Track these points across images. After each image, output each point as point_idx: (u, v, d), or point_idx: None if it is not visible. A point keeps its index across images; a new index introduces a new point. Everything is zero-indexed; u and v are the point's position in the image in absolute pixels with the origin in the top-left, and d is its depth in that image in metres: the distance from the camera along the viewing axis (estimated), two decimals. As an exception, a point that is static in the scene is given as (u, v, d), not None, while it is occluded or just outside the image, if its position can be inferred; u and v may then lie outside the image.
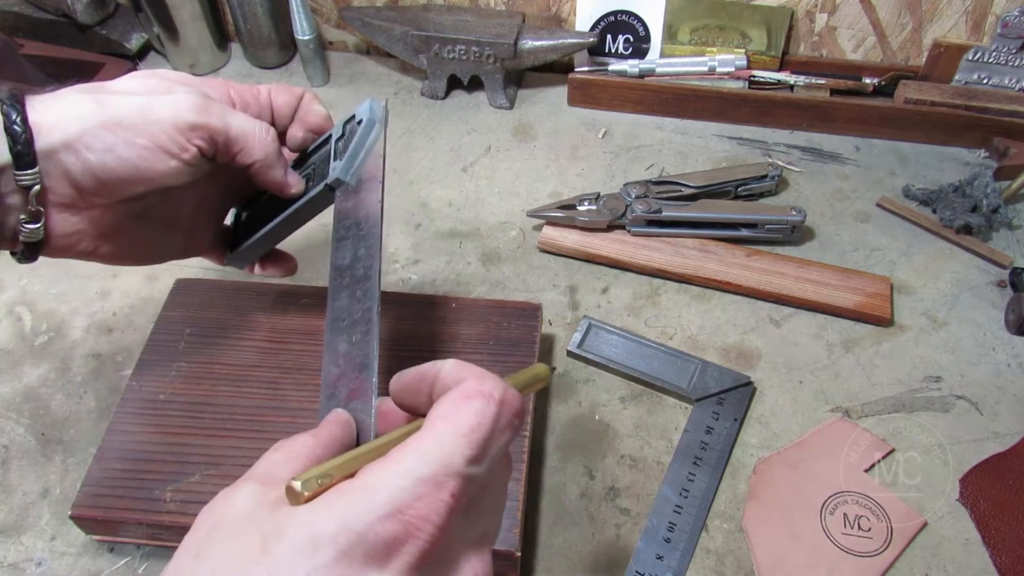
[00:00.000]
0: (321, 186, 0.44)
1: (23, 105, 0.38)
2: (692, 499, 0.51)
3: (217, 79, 0.45)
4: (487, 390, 0.29)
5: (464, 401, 0.28)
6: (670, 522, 0.50)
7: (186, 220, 0.47)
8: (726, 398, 0.56)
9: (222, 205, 0.50)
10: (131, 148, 0.39)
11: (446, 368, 0.31)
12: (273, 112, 0.46)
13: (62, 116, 0.38)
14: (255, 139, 0.42)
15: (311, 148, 0.47)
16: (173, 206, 0.46)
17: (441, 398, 0.29)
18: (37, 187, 0.38)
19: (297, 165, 0.47)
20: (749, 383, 0.57)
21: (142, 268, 0.67)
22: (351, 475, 0.28)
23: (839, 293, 0.63)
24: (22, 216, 0.39)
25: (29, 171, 0.38)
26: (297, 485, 0.26)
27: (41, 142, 0.37)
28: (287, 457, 0.30)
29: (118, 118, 0.39)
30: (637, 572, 0.48)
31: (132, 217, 0.43)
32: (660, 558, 0.48)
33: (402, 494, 0.26)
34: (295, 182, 0.45)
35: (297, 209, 0.46)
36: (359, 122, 0.44)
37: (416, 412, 0.32)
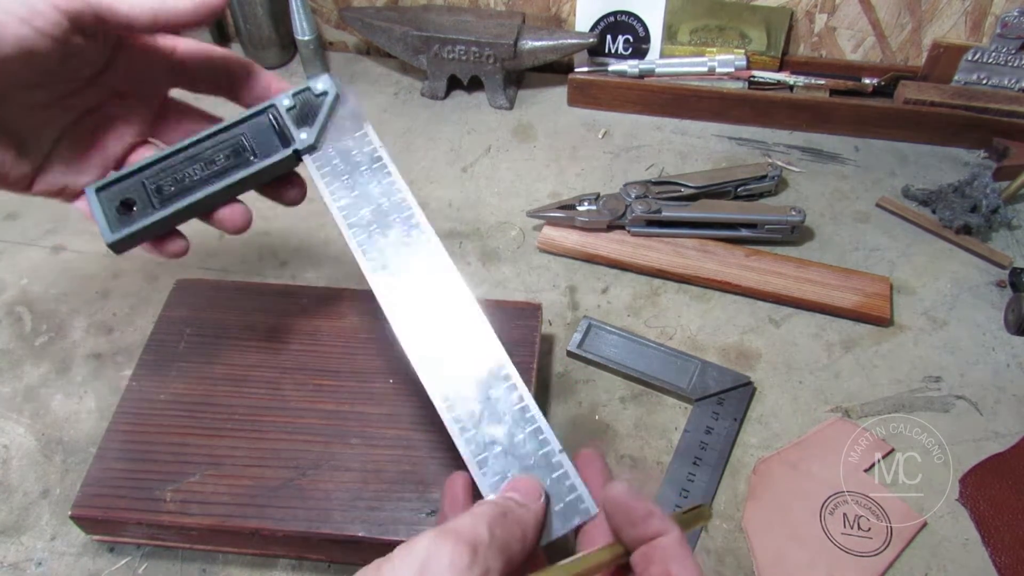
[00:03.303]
0: (289, 151, 0.44)
1: None
2: (692, 499, 0.51)
3: None
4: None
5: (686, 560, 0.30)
6: None
7: (23, 127, 0.40)
8: (726, 398, 0.56)
9: (86, 128, 0.43)
10: (16, 40, 0.35)
11: (672, 541, 0.32)
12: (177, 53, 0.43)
13: None
14: (151, 28, 0.38)
15: (230, 122, 0.44)
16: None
17: (663, 555, 0.31)
18: None
19: (211, 137, 0.45)
20: (749, 383, 0.57)
21: (142, 268, 0.67)
22: None
23: (838, 293, 0.63)
24: None
25: None
26: None
27: None
28: (499, 549, 0.31)
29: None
30: None
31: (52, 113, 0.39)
32: None
33: None
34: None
35: (250, 175, 0.44)
36: (322, 94, 0.45)
37: (616, 534, 0.34)
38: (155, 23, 0.39)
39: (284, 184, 0.46)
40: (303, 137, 0.44)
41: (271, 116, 0.45)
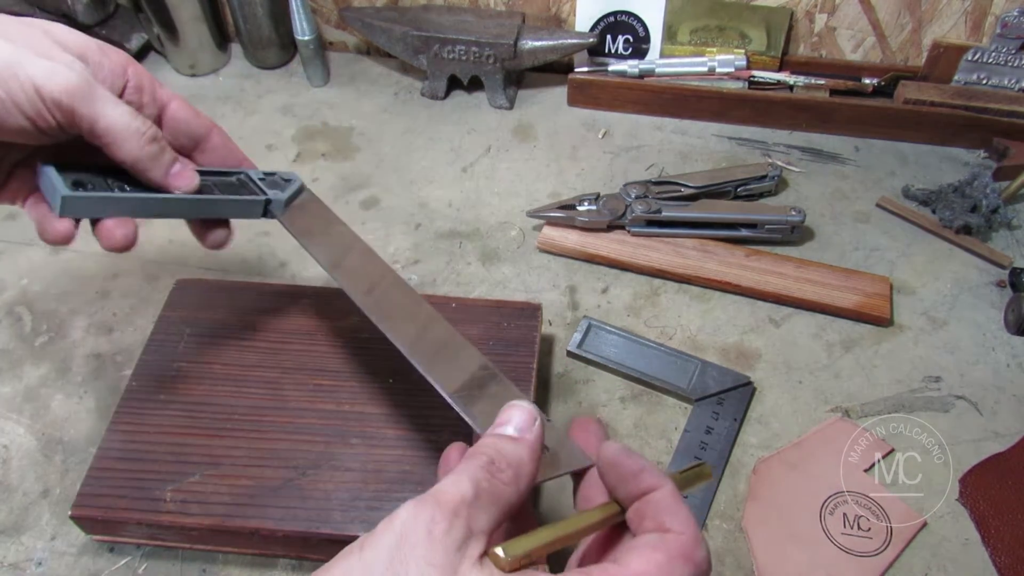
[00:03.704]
0: (261, 198, 0.49)
1: None
2: (691, 500, 0.51)
3: (118, 52, 0.42)
4: (699, 558, 0.30)
5: (677, 562, 0.29)
6: None
7: (7, 165, 0.43)
8: (726, 398, 0.56)
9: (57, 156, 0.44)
10: None
11: (665, 494, 0.31)
12: (164, 117, 0.44)
13: None
14: (127, 139, 0.40)
15: (204, 170, 0.47)
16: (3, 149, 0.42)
17: (653, 542, 0.30)
18: None
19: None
20: (749, 383, 0.57)
21: (142, 268, 0.67)
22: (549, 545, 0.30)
23: (838, 293, 0.63)
24: None
25: None
26: (501, 556, 0.28)
27: None
28: (488, 502, 0.30)
29: None
30: None
31: None
32: None
33: None
34: (183, 183, 0.43)
35: (218, 201, 0.46)
36: (289, 180, 0.51)
37: (611, 492, 0.33)
38: (134, 164, 0.41)
39: (217, 225, 0.48)
40: (277, 192, 0.49)
41: (243, 177, 0.49)
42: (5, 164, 0.43)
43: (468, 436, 0.49)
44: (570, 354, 0.60)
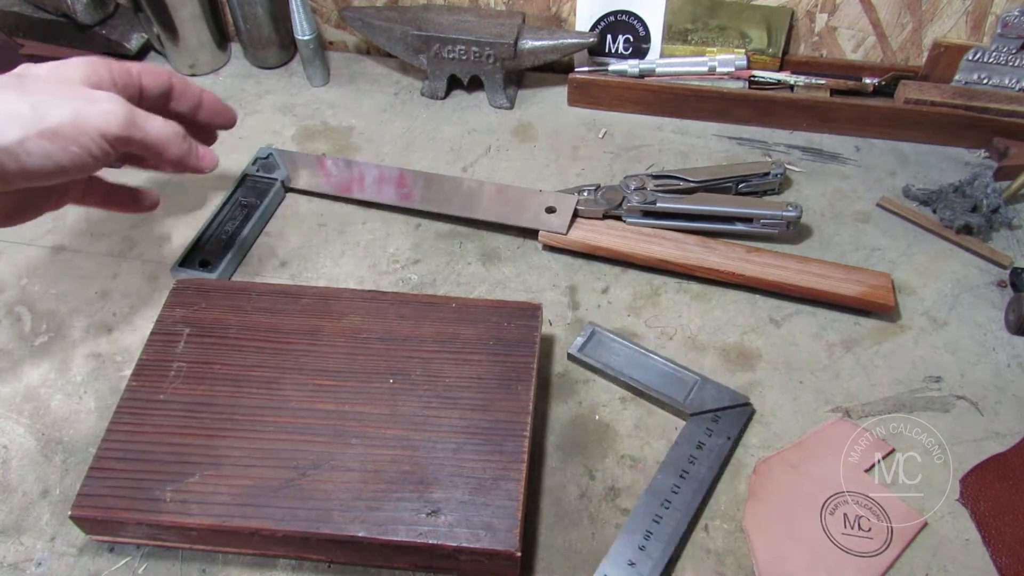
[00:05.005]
0: (277, 182, 0.72)
1: None
2: (673, 511, 0.50)
3: (97, 59, 0.48)
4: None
5: None
6: (647, 530, 0.49)
7: (70, 187, 0.53)
8: (722, 416, 0.56)
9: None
10: (65, 154, 0.44)
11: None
12: (142, 90, 0.51)
13: (1, 122, 0.42)
14: (170, 143, 0.49)
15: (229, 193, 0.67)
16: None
17: None
18: None
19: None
20: (747, 404, 0.57)
21: (142, 268, 0.67)
22: None
23: (842, 284, 0.63)
24: None
25: None
26: None
27: None
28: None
29: (55, 127, 0.43)
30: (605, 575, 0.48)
31: (24, 192, 0.48)
32: (632, 564, 0.48)
33: None
34: (209, 161, 0.53)
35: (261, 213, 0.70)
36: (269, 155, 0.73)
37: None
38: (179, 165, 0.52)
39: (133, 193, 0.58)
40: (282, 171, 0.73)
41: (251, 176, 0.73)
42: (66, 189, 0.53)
43: (462, 443, 0.50)
44: (571, 357, 0.60)
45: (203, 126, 0.58)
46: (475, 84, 0.84)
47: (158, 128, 0.48)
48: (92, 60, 0.48)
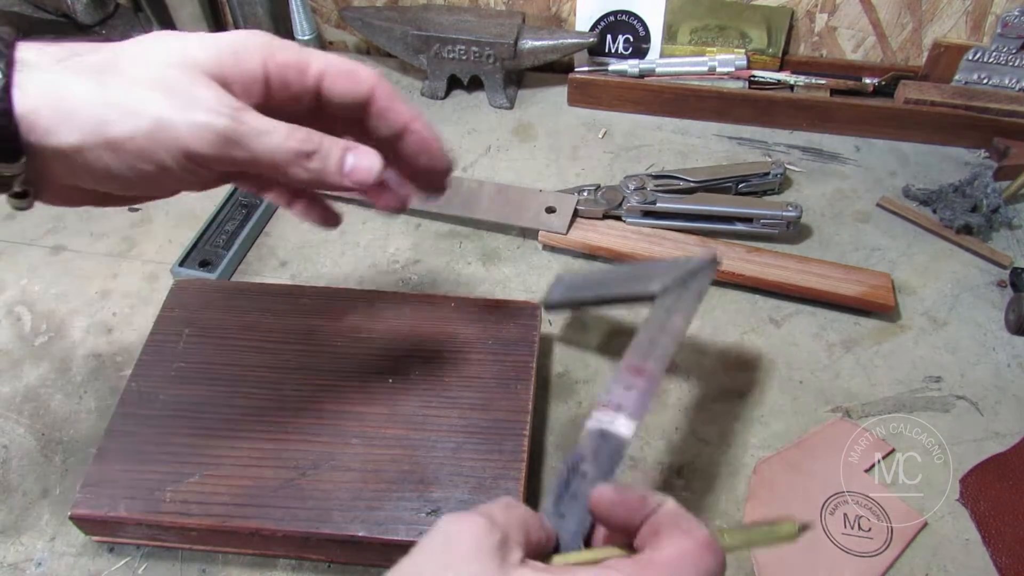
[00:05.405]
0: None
1: (9, 89, 0.32)
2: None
3: (258, 41, 0.36)
4: (721, 554, 0.31)
5: (705, 551, 0.30)
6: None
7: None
8: (691, 281, 0.49)
9: None
10: (132, 172, 0.34)
11: (668, 508, 0.32)
12: (320, 97, 0.38)
13: (57, 118, 0.33)
14: (291, 164, 0.36)
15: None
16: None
17: (667, 537, 0.31)
18: (21, 176, 0.34)
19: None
20: (714, 260, 0.51)
21: (142, 268, 0.67)
22: None
23: (842, 284, 0.63)
24: (4, 191, 0.35)
25: (12, 164, 0.33)
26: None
27: (31, 138, 0.32)
28: (517, 522, 0.32)
29: (122, 139, 0.33)
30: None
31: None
32: (629, 389, 0.43)
33: None
34: (360, 177, 0.38)
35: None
36: None
37: (616, 530, 0.34)
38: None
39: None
40: None
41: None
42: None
43: (461, 442, 0.50)
44: (548, 307, 0.59)
45: (404, 157, 0.42)
46: (475, 84, 0.84)
47: (273, 146, 0.35)
48: (248, 42, 0.36)
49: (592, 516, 0.34)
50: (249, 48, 0.36)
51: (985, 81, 0.78)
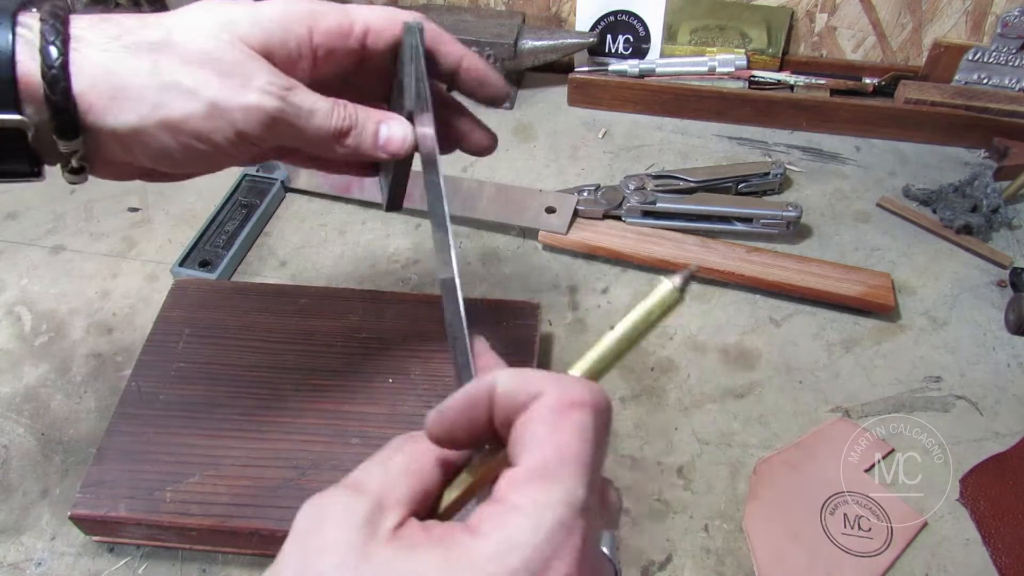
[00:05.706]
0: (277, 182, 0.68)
1: (67, 67, 0.32)
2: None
3: (303, 10, 0.37)
4: (578, 398, 0.24)
5: (560, 418, 0.24)
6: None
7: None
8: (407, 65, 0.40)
9: None
10: (188, 151, 0.35)
11: (503, 382, 0.25)
12: (366, 50, 0.39)
13: (114, 99, 0.33)
14: (332, 141, 0.38)
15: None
16: None
17: (523, 422, 0.24)
18: (79, 152, 0.34)
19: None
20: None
21: (142, 268, 0.67)
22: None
23: (842, 283, 0.63)
24: (63, 167, 0.36)
25: (70, 141, 0.34)
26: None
27: (89, 118, 0.33)
28: (397, 473, 0.26)
29: (178, 120, 0.34)
30: None
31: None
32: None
33: (536, 553, 0.22)
34: (393, 148, 0.39)
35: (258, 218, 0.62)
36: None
37: (474, 445, 0.27)
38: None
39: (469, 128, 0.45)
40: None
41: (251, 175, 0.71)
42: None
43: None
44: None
45: (456, 102, 0.44)
46: (475, 84, 0.84)
47: (316, 125, 0.37)
48: (293, 13, 0.36)
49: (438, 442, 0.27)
50: (294, 20, 0.37)
51: (985, 81, 0.78)
